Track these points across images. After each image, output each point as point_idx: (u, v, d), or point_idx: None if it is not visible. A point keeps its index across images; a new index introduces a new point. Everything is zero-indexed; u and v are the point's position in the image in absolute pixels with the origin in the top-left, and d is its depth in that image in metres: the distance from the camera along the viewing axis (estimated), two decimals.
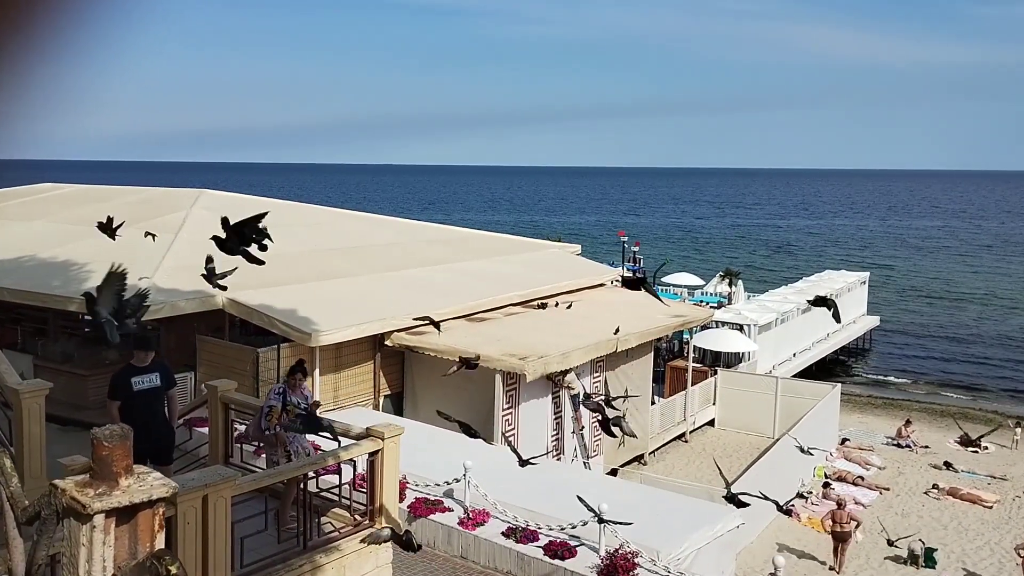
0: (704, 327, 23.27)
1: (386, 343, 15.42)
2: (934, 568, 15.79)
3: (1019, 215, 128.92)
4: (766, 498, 10.68)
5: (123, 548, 2.45)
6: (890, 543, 16.25)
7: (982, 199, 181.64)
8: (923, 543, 16.07)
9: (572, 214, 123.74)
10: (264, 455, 8.18)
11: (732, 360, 24.72)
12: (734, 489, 10.04)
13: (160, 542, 2.54)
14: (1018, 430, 24.03)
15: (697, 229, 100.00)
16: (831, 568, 15.93)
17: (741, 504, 9.67)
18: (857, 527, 16.31)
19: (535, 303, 18.45)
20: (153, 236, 12.31)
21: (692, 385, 21.80)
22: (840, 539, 15.95)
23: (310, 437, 9.12)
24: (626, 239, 40.30)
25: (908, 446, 22.99)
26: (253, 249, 4.22)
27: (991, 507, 18.82)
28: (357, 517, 7.71)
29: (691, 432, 21.85)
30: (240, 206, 21.47)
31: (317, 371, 14.45)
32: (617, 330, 16.58)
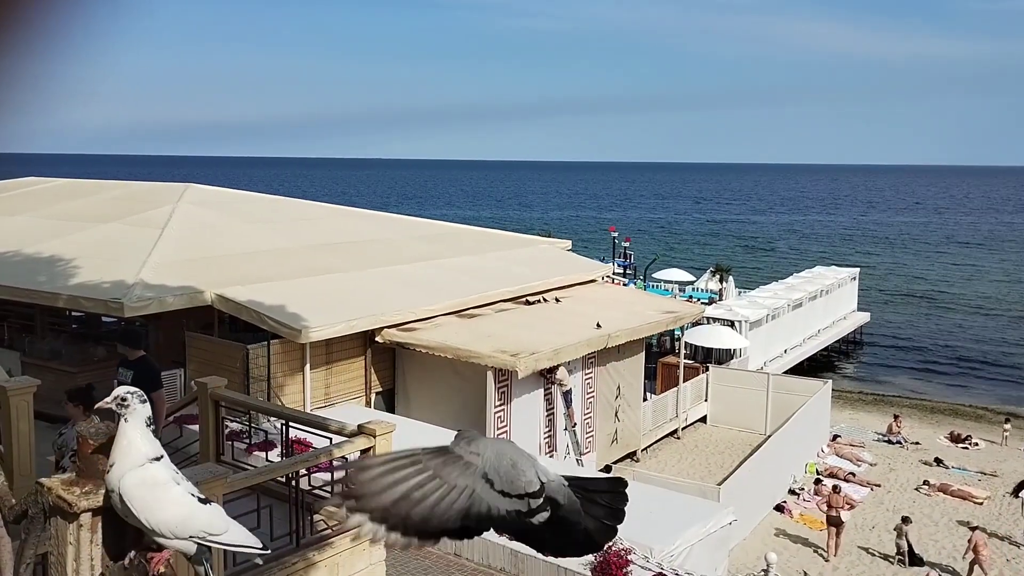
0: (695, 323, 23.28)
1: (376, 339, 15.34)
2: (922, 565, 15.85)
3: (1005, 211, 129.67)
4: None
5: (110, 547, 2.41)
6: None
7: (965, 195, 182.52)
8: (909, 544, 16.06)
9: (553, 209, 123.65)
10: None
11: (723, 356, 24.75)
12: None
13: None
14: (1007, 426, 24.16)
15: (679, 225, 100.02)
16: (826, 559, 16.02)
17: None
18: (850, 509, 16.56)
19: (524, 299, 18.40)
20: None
21: (684, 382, 21.80)
22: (835, 524, 16.07)
23: (303, 435, 9.04)
24: (616, 234, 40.31)
25: (899, 442, 23.07)
26: None
27: (981, 503, 18.88)
28: None
29: (683, 429, 21.85)
30: (227, 201, 21.34)
31: (308, 367, 14.35)
32: (598, 325, 16.56)
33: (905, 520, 16.27)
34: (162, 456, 2.48)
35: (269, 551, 2.71)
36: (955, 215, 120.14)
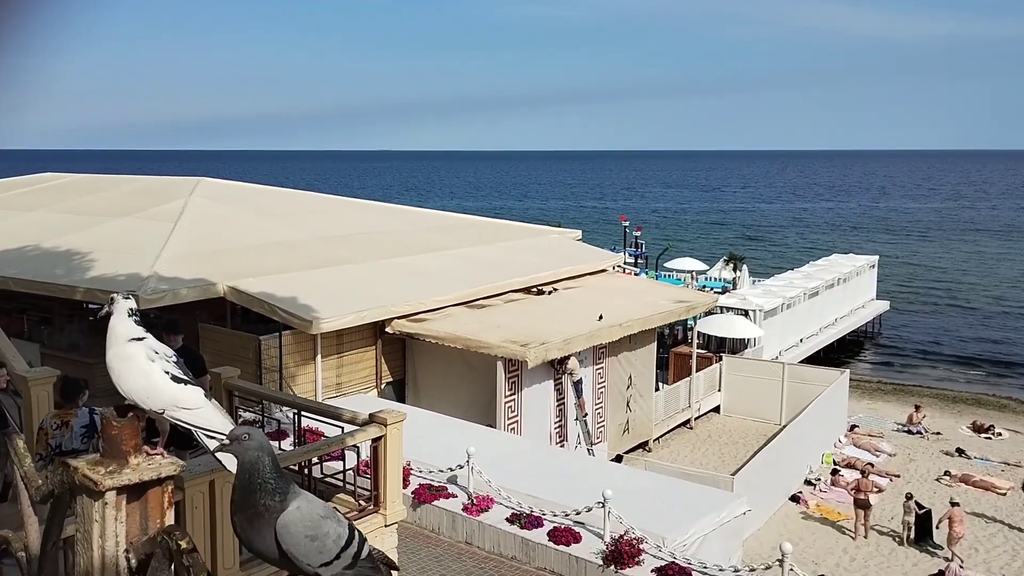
0: (708, 313, 23.21)
1: (387, 330, 15.43)
2: (938, 547, 15.84)
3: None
4: None
5: (135, 524, 2.51)
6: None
7: (984, 180, 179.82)
8: (917, 507, 16.10)
9: (557, 199, 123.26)
10: None
11: (737, 346, 24.64)
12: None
13: (170, 518, 2.59)
14: None
15: (684, 215, 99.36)
16: (859, 535, 16.23)
17: None
18: (878, 493, 16.95)
19: (534, 289, 18.44)
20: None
21: (697, 371, 21.77)
22: (863, 507, 16.20)
23: (315, 424, 9.12)
24: (627, 224, 40.16)
25: (919, 432, 22.74)
26: None
27: (1005, 494, 18.54)
28: (362, 502, 7.74)
29: (696, 419, 21.84)
30: (238, 194, 21.49)
31: (319, 357, 14.46)
32: (600, 317, 16.55)
33: (909, 496, 16.41)
34: (144, 338, 2.93)
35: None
36: (974, 201, 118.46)
